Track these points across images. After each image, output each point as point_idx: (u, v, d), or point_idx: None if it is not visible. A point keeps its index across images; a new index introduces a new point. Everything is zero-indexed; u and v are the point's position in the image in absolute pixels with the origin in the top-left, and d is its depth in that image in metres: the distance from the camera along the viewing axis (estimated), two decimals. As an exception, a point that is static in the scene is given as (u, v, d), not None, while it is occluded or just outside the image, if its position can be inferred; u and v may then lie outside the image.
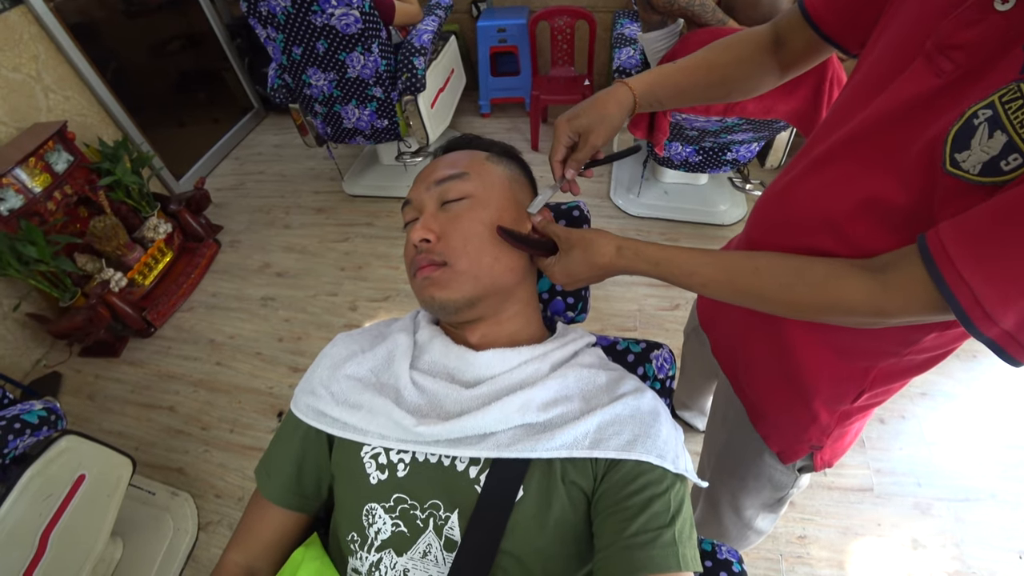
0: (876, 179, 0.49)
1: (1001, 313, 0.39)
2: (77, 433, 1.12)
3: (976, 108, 0.39)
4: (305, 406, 0.63)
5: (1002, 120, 0.38)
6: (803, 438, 0.71)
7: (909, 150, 0.45)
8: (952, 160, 0.41)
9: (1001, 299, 0.39)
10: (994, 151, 0.38)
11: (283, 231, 2.39)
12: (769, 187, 0.69)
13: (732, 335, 0.79)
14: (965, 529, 1.29)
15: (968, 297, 0.40)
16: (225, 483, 1.53)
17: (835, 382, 0.64)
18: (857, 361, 0.61)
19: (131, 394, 1.81)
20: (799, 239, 0.57)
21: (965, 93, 0.41)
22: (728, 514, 0.93)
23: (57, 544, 1.06)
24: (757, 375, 0.74)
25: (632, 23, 2.08)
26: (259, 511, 0.63)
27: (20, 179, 1.70)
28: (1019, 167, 0.37)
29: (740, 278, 0.55)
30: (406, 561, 0.53)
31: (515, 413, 0.56)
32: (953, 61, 0.42)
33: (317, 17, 1.74)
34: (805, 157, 0.60)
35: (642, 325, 1.81)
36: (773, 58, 0.68)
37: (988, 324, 0.40)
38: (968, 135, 0.40)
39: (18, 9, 1.88)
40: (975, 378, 1.59)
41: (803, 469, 0.77)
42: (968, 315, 0.40)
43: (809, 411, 0.68)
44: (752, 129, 1.66)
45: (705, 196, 2.21)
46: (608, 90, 0.68)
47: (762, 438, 0.76)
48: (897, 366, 0.60)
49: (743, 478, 0.84)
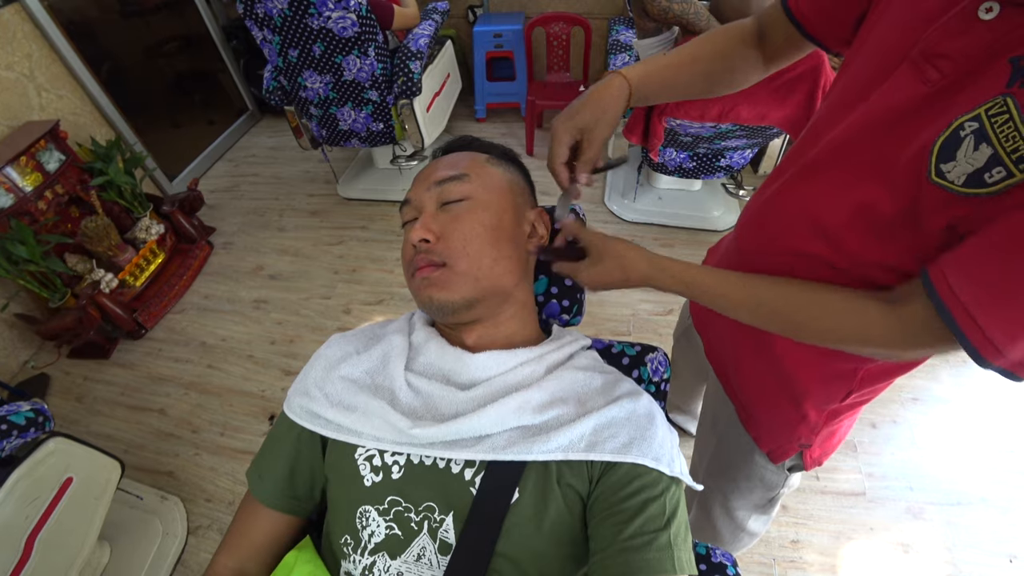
0: (866, 188, 0.49)
1: (1011, 348, 0.41)
2: (65, 435, 1.11)
3: (963, 120, 0.40)
4: (299, 407, 0.62)
5: (988, 133, 0.38)
6: (793, 437, 0.72)
7: (898, 159, 0.46)
8: (938, 171, 0.42)
9: (1010, 337, 0.40)
10: (979, 163, 0.39)
11: (277, 233, 2.38)
12: (759, 192, 0.69)
13: (724, 338, 0.80)
14: (956, 533, 1.30)
15: (980, 338, 0.41)
16: (215, 487, 1.51)
17: (825, 383, 0.65)
18: (846, 362, 0.62)
19: (121, 396, 1.79)
20: (790, 244, 0.58)
21: (952, 102, 0.42)
22: (721, 516, 0.93)
23: (43, 548, 1.05)
24: (748, 377, 0.75)
25: (627, 30, 2.09)
26: (250, 514, 0.62)
27: (11, 178, 1.68)
28: (1002, 180, 0.38)
29: (767, 304, 0.56)
30: (400, 564, 0.53)
31: (511, 415, 0.56)
32: (939, 70, 0.43)
33: (314, 20, 1.74)
34: (795, 162, 0.60)
35: (636, 329, 1.81)
36: (756, 51, 0.69)
37: (997, 358, 0.42)
38: (954, 146, 0.40)
39: (12, 7, 1.87)
40: (965, 383, 1.61)
41: (793, 468, 0.78)
42: (981, 353, 0.42)
43: (799, 411, 0.68)
44: (746, 135, 1.67)
45: (699, 202, 2.22)
46: (603, 83, 0.66)
47: (752, 439, 0.77)
48: (884, 365, 0.61)
49: (734, 479, 0.84)
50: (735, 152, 1.86)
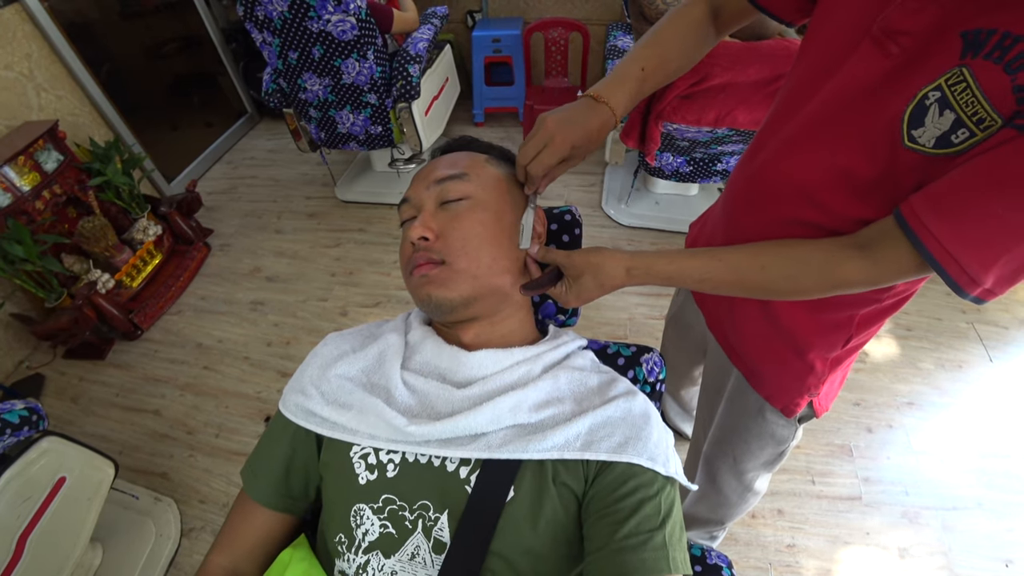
0: (846, 156, 0.54)
1: (984, 276, 0.45)
2: (58, 434, 1.10)
3: (927, 90, 0.45)
4: (294, 405, 0.62)
5: (950, 101, 0.44)
6: (802, 389, 0.74)
7: (872, 128, 0.50)
8: (910, 136, 0.47)
9: (982, 264, 0.45)
10: (945, 127, 0.45)
11: (274, 236, 2.38)
12: (741, 165, 0.72)
13: (724, 307, 0.82)
14: (952, 538, 1.30)
15: (955, 267, 0.46)
16: (210, 488, 1.50)
17: (825, 333, 0.69)
18: (842, 311, 0.66)
19: (116, 397, 1.78)
20: (782, 211, 0.62)
21: (914, 73, 0.46)
22: (729, 481, 0.95)
23: (35, 548, 1.04)
24: (751, 340, 0.77)
25: (625, 35, 2.11)
26: (245, 512, 0.62)
27: (8, 177, 1.68)
28: (966, 140, 0.44)
29: (748, 276, 0.60)
30: (394, 563, 0.53)
31: (507, 414, 0.56)
32: (899, 45, 0.47)
33: (314, 23, 1.74)
34: (775, 133, 0.63)
35: (632, 333, 1.81)
36: (712, 27, 0.71)
37: (973, 287, 0.46)
38: (922, 114, 0.46)
39: (12, 7, 1.87)
40: (961, 388, 1.61)
41: (802, 419, 0.80)
42: (956, 282, 0.46)
43: (805, 363, 0.72)
44: (742, 140, 1.68)
45: (695, 206, 2.23)
46: (593, 111, 0.64)
47: (764, 398, 0.79)
48: (877, 309, 0.65)
49: (746, 441, 0.86)
50: (731, 157, 1.87)
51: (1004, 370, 1.66)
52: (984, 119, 0.42)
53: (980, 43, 0.41)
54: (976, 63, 0.42)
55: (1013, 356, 1.70)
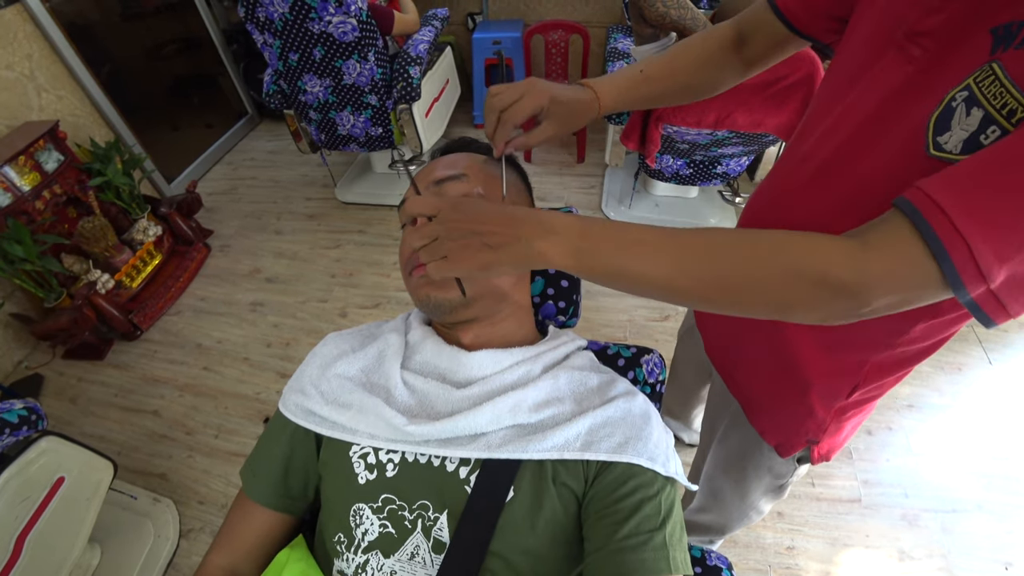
0: (866, 172, 0.50)
1: (995, 270, 0.36)
2: (57, 434, 1.10)
3: (953, 93, 0.41)
4: (294, 405, 0.62)
5: (978, 98, 0.39)
6: (800, 431, 0.71)
7: (895, 139, 0.46)
8: (935, 144, 0.42)
9: (997, 254, 0.36)
10: (973, 127, 0.40)
11: (274, 236, 2.38)
12: (761, 191, 0.69)
13: (726, 333, 0.79)
14: (952, 540, 1.30)
15: (962, 251, 0.36)
16: (208, 489, 1.50)
17: (829, 376, 0.64)
18: (851, 354, 0.61)
19: (115, 398, 1.78)
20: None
21: (938, 76, 0.43)
22: (733, 500, 0.93)
23: (33, 548, 1.04)
24: (751, 371, 0.75)
25: (625, 38, 2.11)
26: (243, 512, 0.62)
27: (8, 177, 1.68)
28: (998, 138, 0.38)
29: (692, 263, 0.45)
30: (393, 563, 0.53)
31: (506, 414, 0.56)
32: (921, 47, 0.44)
33: (315, 24, 1.75)
34: (798, 160, 0.60)
35: (632, 335, 1.81)
36: (736, 56, 0.69)
37: (977, 282, 0.37)
38: (948, 117, 0.41)
39: (14, 7, 1.88)
40: (961, 390, 1.61)
41: (801, 460, 0.78)
42: (959, 273, 0.37)
43: (805, 405, 0.68)
44: (742, 143, 1.69)
45: (695, 209, 2.24)
46: (578, 90, 0.65)
47: (759, 433, 0.77)
48: (890, 358, 0.60)
49: (743, 469, 0.85)
50: (731, 159, 1.87)
51: (1004, 373, 1.66)
52: (1016, 110, 0.37)
53: (1012, 35, 0.38)
54: (1007, 55, 0.38)
55: (1012, 359, 1.70)
